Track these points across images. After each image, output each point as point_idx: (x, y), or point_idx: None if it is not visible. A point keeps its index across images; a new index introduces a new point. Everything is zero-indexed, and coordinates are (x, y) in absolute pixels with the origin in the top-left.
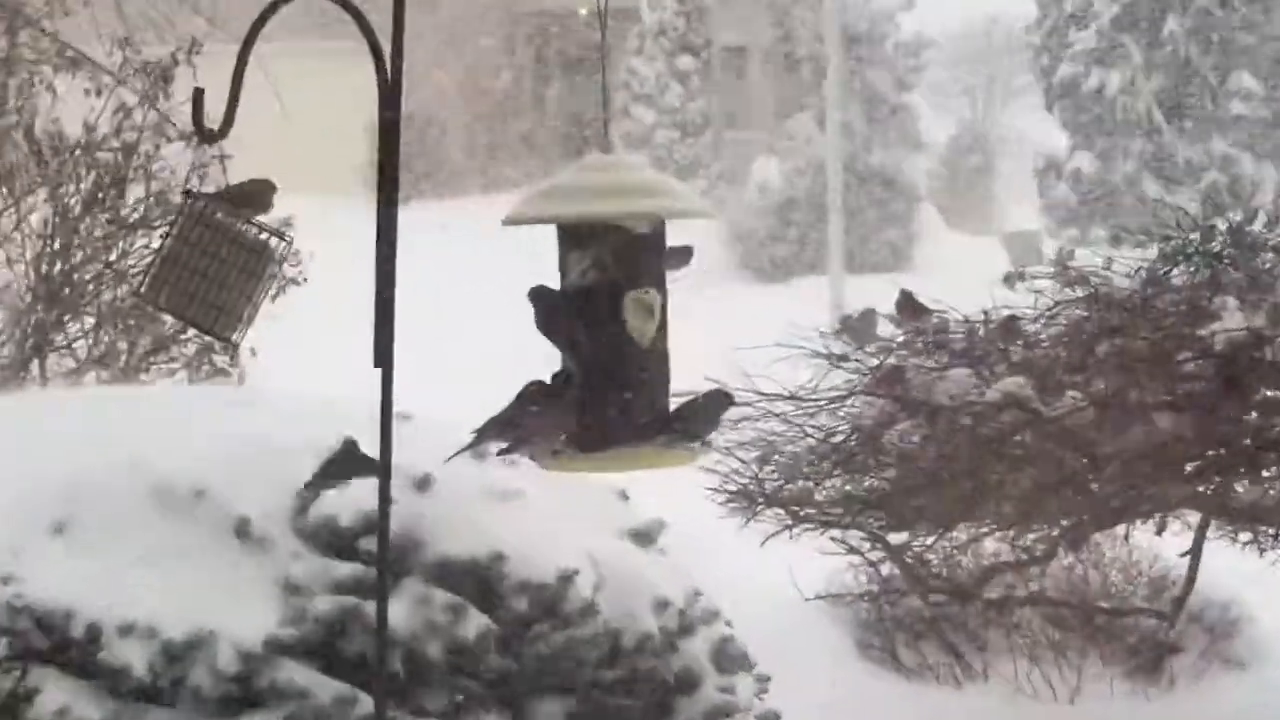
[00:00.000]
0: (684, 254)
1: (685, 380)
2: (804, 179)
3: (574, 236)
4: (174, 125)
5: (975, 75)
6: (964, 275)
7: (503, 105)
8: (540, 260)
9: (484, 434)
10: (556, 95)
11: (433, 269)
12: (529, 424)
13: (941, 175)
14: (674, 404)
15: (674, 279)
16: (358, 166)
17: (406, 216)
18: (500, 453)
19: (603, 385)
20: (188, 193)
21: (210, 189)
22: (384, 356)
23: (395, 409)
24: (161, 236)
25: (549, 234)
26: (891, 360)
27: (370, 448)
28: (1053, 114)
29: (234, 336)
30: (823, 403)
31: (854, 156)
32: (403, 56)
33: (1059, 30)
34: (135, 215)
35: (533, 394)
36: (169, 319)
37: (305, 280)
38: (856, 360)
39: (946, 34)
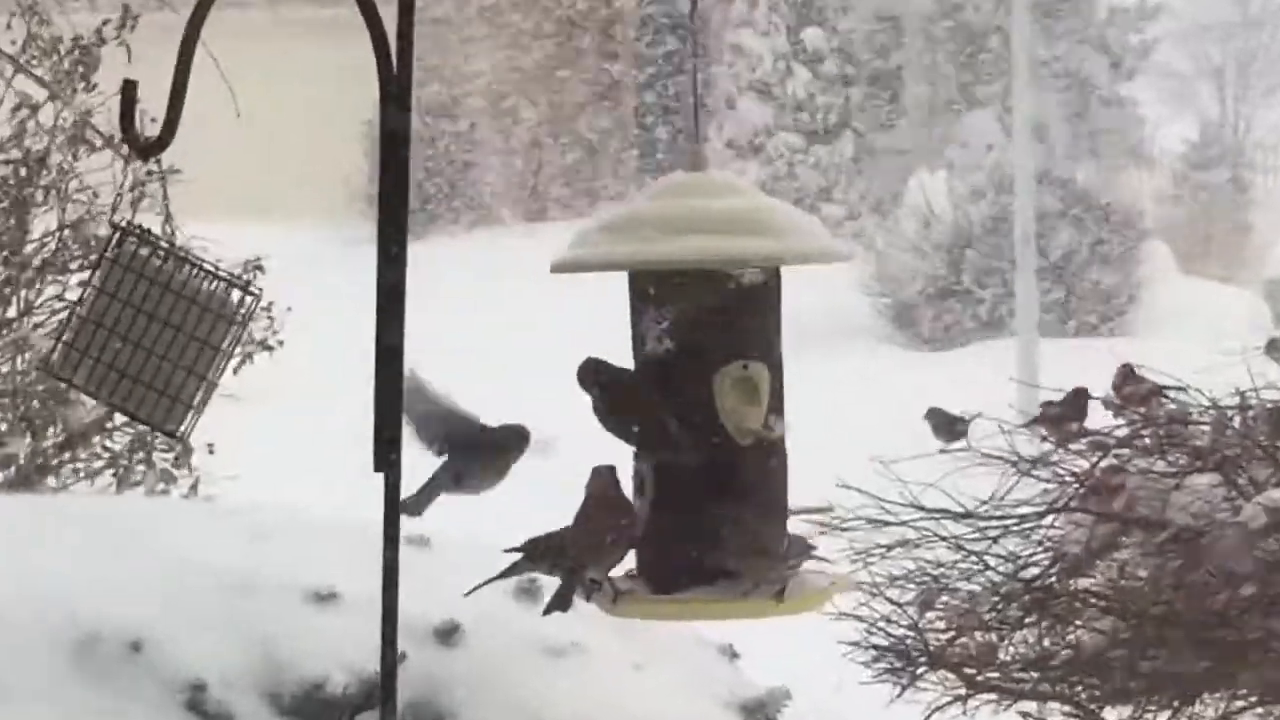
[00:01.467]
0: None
1: (810, 491)
2: (982, 204)
3: (651, 287)
4: (98, 130)
5: (1224, 55)
6: (1208, 339)
7: (551, 101)
8: (607, 315)
9: (529, 555)
10: (626, 85)
11: (455, 327)
12: (576, 542)
13: (1176, 198)
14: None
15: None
16: (352, 183)
17: (420, 253)
18: (549, 606)
19: (684, 498)
20: (117, 227)
21: (149, 219)
22: (388, 457)
23: (405, 530)
24: (81, 286)
25: (618, 281)
26: (1107, 463)
27: (371, 583)
28: None
29: (180, 429)
30: (1010, 523)
31: (1051, 172)
32: (413, 36)
33: None
34: (43, 254)
35: (600, 497)
36: (89, 401)
37: (281, 345)
38: (1057, 463)
39: None
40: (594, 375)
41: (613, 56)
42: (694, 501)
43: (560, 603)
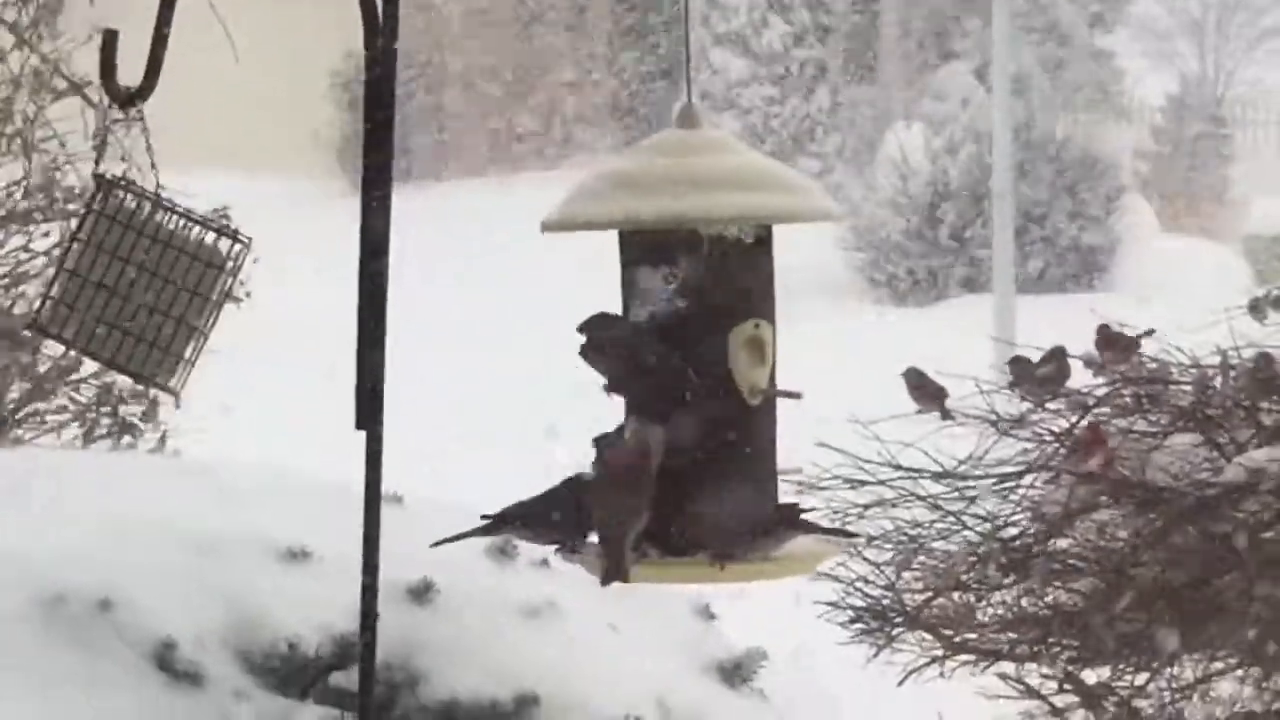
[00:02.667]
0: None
1: (788, 449)
2: (959, 157)
3: (648, 246)
4: (65, 76)
5: (1204, 8)
6: (1189, 297)
7: (528, 48)
8: (595, 270)
9: (512, 518)
10: (606, 36)
11: (434, 281)
12: (601, 507)
13: (1155, 153)
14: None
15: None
16: (322, 135)
17: (393, 204)
18: (559, 551)
19: (696, 461)
20: (101, 179)
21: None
22: (369, 414)
23: (384, 488)
24: (68, 240)
25: (603, 238)
26: (1087, 421)
27: (344, 542)
28: None
29: (174, 383)
30: (989, 482)
31: (1029, 125)
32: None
33: None
34: (9, 205)
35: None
36: (53, 349)
37: (249, 296)
38: (1036, 422)
39: None
40: (596, 328)
41: (585, 8)
42: (705, 462)
43: (617, 571)
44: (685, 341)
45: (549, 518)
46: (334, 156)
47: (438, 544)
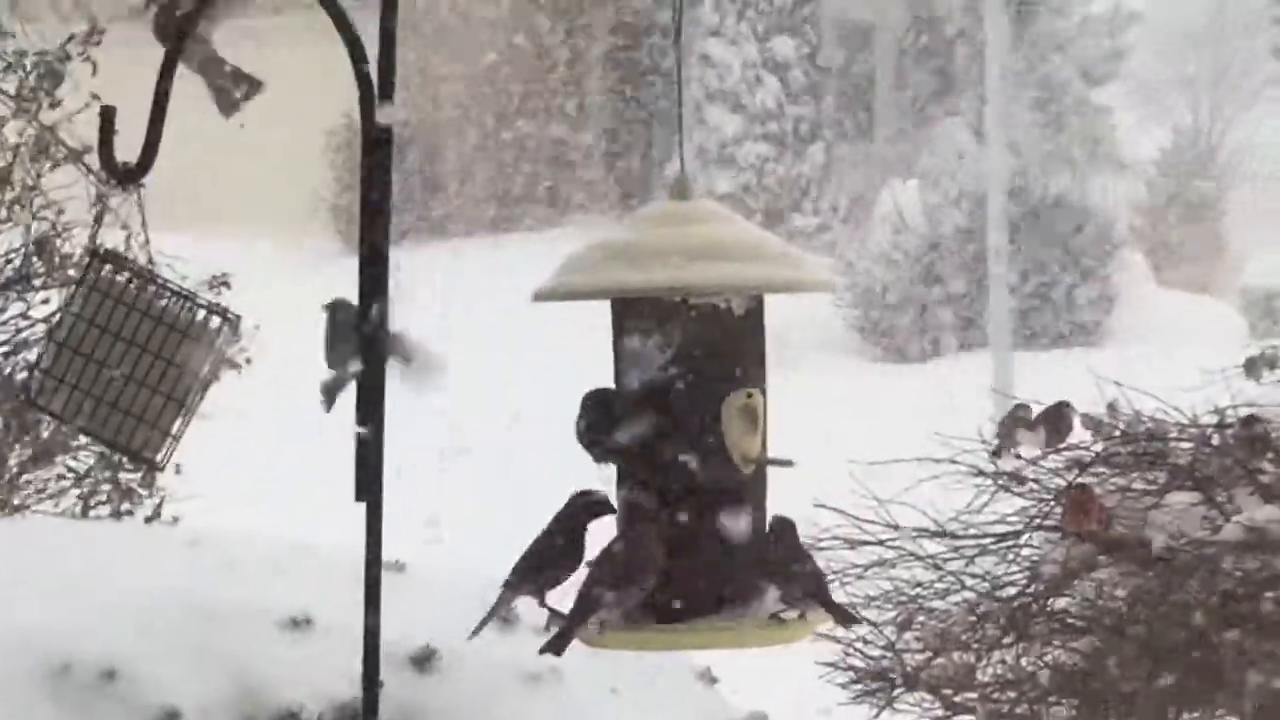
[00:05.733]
0: None
1: (787, 509)
2: (954, 213)
3: (640, 315)
4: (64, 144)
5: (1199, 63)
6: (1185, 353)
7: (521, 111)
8: (597, 332)
9: (516, 584)
10: (594, 96)
11: (432, 343)
12: (601, 582)
13: (1150, 208)
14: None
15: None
16: (318, 194)
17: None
18: (551, 618)
19: (687, 528)
20: (93, 253)
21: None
22: (369, 485)
23: (386, 555)
24: (59, 312)
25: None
26: (1085, 480)
27: (346, 610)
28: None
29: (159, 457)
30: (987, 541)
31: (1025, 180)
32: (394, 47)
33: None
34: (7, 272)
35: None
36: (49, 422)
37: (249, 363)
38: (1034, 480)
39: (1157, 3)
40: (595, 405)
41: (583, 70)
42: (697, 530)
43: (560, 643)
44: (677, 410)
45: (553, 548)
46: (331, 217)
47: (476, 632)
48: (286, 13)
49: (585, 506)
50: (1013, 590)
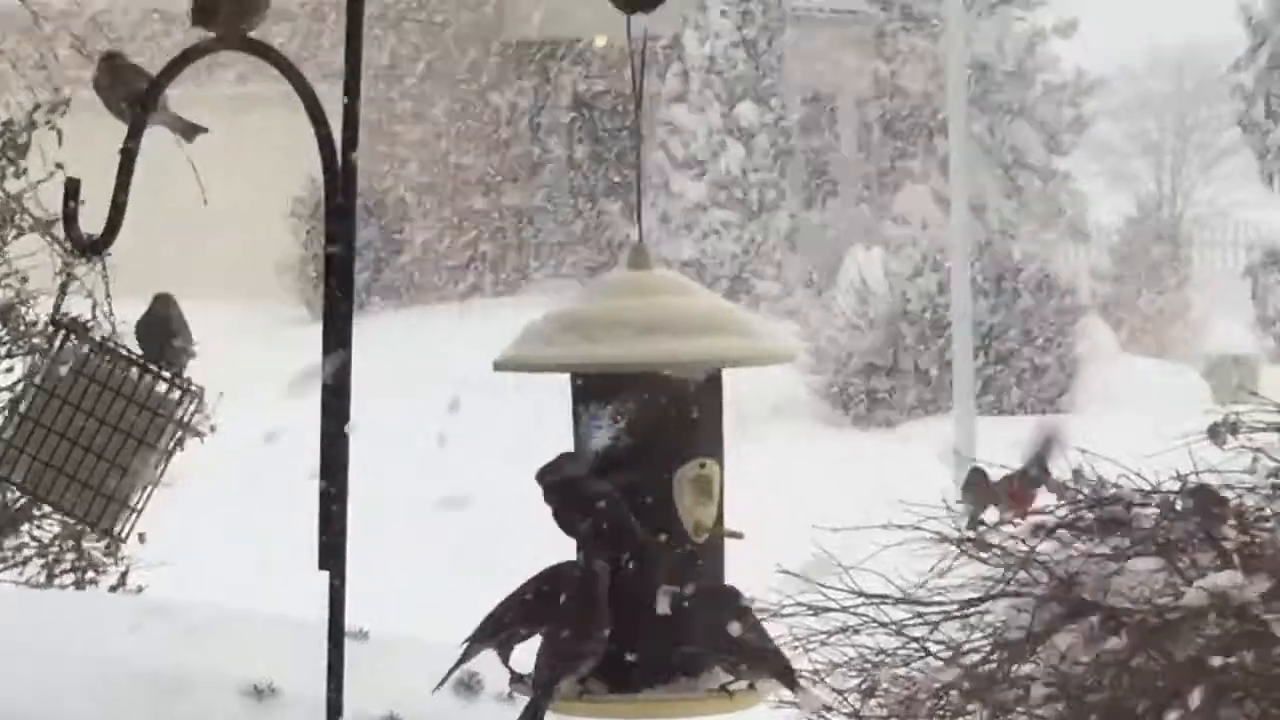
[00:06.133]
0: None
1: (751, 575)
2: (918, 280)
3: (596, 386)
4: (29, 212)
5: (1162, 130)
6: (1149, 418)
7: (484, 179)
8: (560, 399)
9: (480, 639)
10: (557, 161)
11: (395, 410)
12: (549, 647)
13: (1114, 274)
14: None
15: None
16: (283, 262)
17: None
18: (512, 682)
19: (640, 594)
20: (58, 324)
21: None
22: (333, 553)
23: (350, 623)
24: (22, 382)
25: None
26: (1048, 545)
27: (309, 679)
28: (1273, 187)
29: (119, 529)
30: (951, 608)
31: (988, 247)
32: (358, 126)
33: (1278, 66)
34: None
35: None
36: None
37: (213, 430)
38: (998, 545)
39: (1121, 71)
40: (552, 474)
41: (545, 138)
42: (650, 598)
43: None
44: (631, 480)
45: (520, 605)
46: (296, 283)
47: (437, 688)
48: (251, 82)
49: (560, 572)
50: (976, 656)
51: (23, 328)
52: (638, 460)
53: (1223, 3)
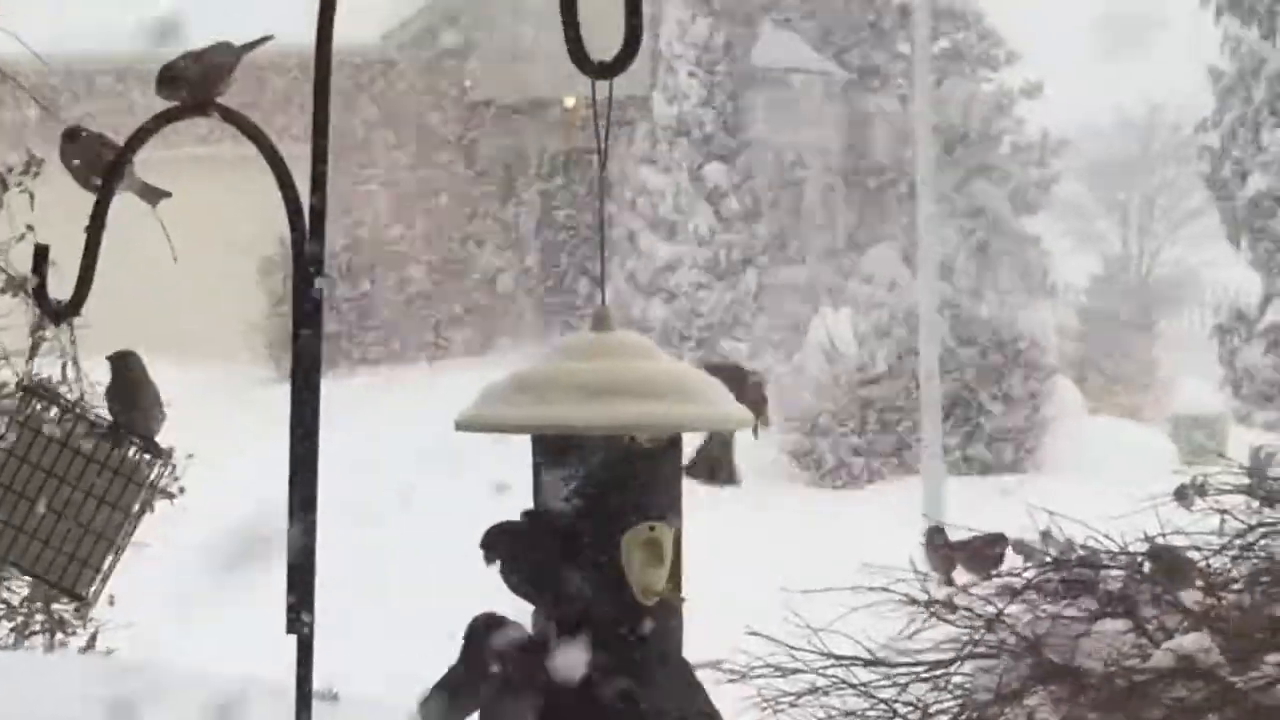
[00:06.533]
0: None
1: (719, 636)
2: (886, 341)
3: (553, 448)
4: (2, 270)
5: (1129, 191)
6: (1115, 479)
7: (450, 241)
8: (514, 458)
9: (430, 708)
10: (527, 222)
11: (360, 470)
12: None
13: (1081, 334)
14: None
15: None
16: (252, 321)
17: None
18: None
19: (594, 664)
20: (27, 389)
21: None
22: (299, 618)
23: (319, 685)
24: None
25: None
26: (1016, 607)
27: None
28: (1239, 247)
29: (88, 592)
30: (919, 669)
31: (956, 307)
32: (326, 189)
33: (1246, 128)
34: None
35: (487, 637)
36: None
37: (182, 491)
38: (966, 608)
39: (1086, 132)
40: (495, 538)
41: (511, 199)
42: (600, 659)
43: None
44: (581, 543)
45: (457, 678)
46: (264, 343)
47: None
48: (219, 142)
49: (486, 627)
50: (945, 718)
51: None
52: (588, 522)
53: (1188, 65)
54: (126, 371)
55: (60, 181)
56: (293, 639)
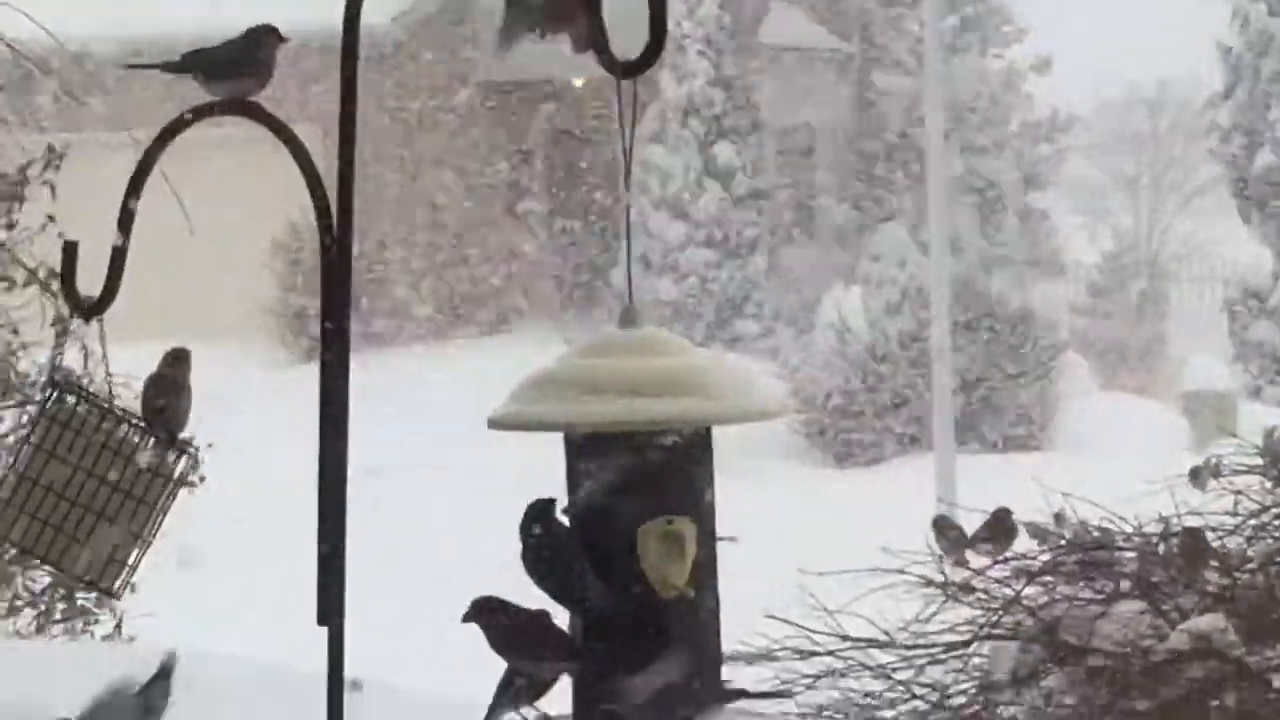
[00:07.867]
0: None
1: (737, 620)
2: (897, 318)
3: (578, 442)
4: (23, 264)
5: (1138, 166)
6: (1128, 455)
7: (466, 218)
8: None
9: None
10: (538, 202)
11: (384, 445)
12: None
13: (1092, 310)
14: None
15: None
16: (267, 305)
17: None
18: None
19: (610, 649)
20: (55, 384)
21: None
22: (331, 608)
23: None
24: (20, 442)
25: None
26: (1032, 589)
27: None
28: (1250, 223)
29: (115, 588)
30: (936, 651)
31: (967, 284)
32: (353, 169)
33: (1256, 104)
34: None
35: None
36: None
37: (202, 480)
38: (983, 590)
39: (1097, 107)
40: (526, 527)
41: (525, 182)
42: (620, 653)
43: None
44: (604, 537)
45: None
46: (279, 326)
47: None
48: (227, 123)
49: (487, 609)
50: (962, 699)
51: (14, 378)
52: (606, 516)
53: (1198, 39)
54: (181, 371)
55: (85, 169)
56: (309, 626)
